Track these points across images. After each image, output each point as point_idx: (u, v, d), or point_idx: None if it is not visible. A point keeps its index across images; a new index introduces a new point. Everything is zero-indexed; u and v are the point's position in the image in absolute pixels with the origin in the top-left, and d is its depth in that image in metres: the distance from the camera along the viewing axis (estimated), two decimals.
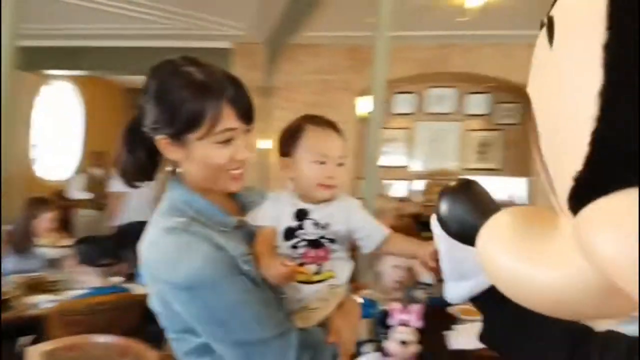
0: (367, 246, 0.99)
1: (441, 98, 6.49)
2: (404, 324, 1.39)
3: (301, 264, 0.94)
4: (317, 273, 0.96)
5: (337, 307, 0.97)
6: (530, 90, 0.42)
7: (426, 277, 1.75)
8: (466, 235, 0.48)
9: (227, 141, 0.86)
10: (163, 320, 0.90)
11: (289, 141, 1.00)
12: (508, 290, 0.41)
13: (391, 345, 1.41)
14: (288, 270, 0.87)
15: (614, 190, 0.28)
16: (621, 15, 0.28)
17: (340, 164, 0.99)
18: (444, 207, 0.53)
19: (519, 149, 6.46)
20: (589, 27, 0.29)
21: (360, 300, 1.36)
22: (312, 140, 0.98)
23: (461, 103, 6.45)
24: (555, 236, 0.37)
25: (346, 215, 0.98)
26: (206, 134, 0.84)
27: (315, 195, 0.97)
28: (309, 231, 0.96)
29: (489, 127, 6.44)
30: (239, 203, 0.99)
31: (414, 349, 1.39)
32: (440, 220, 0.54)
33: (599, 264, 0.30)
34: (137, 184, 0.93)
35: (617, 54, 0.28)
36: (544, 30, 0.36)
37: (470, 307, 2.60)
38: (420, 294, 1.09)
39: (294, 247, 0.96)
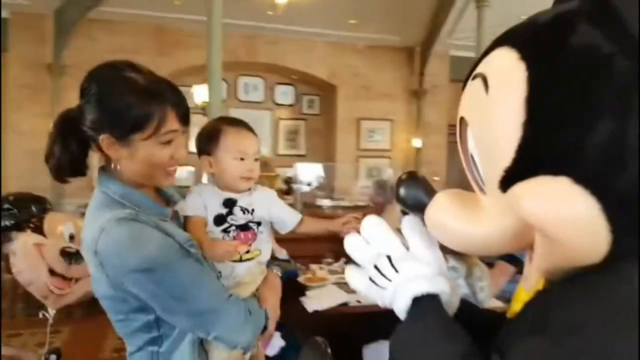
0: (283, 228, 1.19)
1: (251, 87, 6.68)
2: None
3: None
4: (247, 252, 1.11)
5: (263, 280, 1.13)
6: (469, 118, 0.61)
7: (282, 254, 1.99)
8: (420, 209, 0.66)
9: (169, 142, 0.94)
10: (110, 304, 0.96)
11: (208, 141, 1.13)
12: (451, 241, 0.62)
13: None
14: (232, 247, 1.06)
15: (531, 176, 0.51)
16: (536, 74, 0.51)
17: (257, 159, 1.15)
18: (402, 190, 0.69)
19: (319, 137, 7.12)
20: (515, 84, 0.52)
21: None
22: (231, 140, 1.11)
23: (270, 93, 6.75)
24: (478, 206, 0.60)
25: (267, 203, 1.16)
26: (151, 135, 0.91)
27: (237, 187, 1.12)
28: (239, 216, 1.11)
29: (295, 116, 6.91)
30: (163, 197, 1.06)
31: None
32: (400, 199, 0.70)
33: (527, 217, 0.51)
34: (69, 179, 0.96)
35: (538, 98, 0.50)
36: (479, 81, 0.57)
37: (313, 275, 2.82)
38: (277, 269, 1.21)
39: (225, 231, 1.10)
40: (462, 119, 0.63)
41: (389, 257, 0.64)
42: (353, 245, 0.68)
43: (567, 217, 0.51)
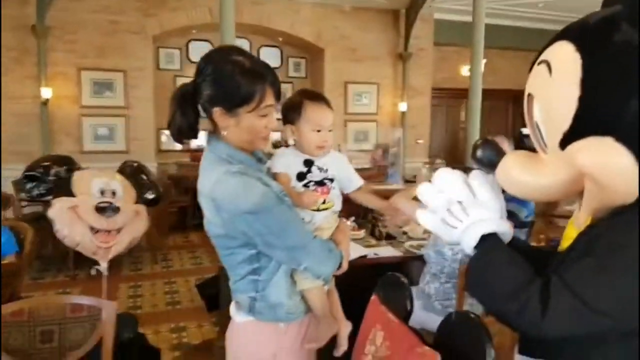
0: (348, 188, 1.40)
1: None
2: None
3: None
4: (323, 202, 1.32)
5: (336, 228, 1.35)
6: (536, 94, 0.81)
7: None
8: (492, 166, 0.87)
9: (266, 115, 1.16)
10: (220, 241, 1.20)
11: (292, 113, 1.30)
12: (519, 190, 0.82)
13: None
14: (316, 197, 1.28)
15: (583, 137, 0.72)
16: (588, 62, 0.71)
17: (330, 130, 1.34)
18: (479, 152, 0.93)
19: None
20: (573, 69, 0.72)
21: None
22: (311, 114, 1.30)
23: (256, 55, 6.76)
24: (542, 163, 0.81)
25: (338, 164, 1.37)
26: (254, 109, 1.14)
27: (314, 153, 1.33)
28: (316, 174, 1.33)
29: (282, 79, 6.91)
30: (255, 157, 1.27)
31: None
32: (477, 160, 0.93)
33: (581, 167, 0.72)
34: (185, 140, 1.20)
35: (590, 80, 0.70)
36: (543, 66, 0.77)
37: None
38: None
39: (306, 186, 1.31)
40: (529, 95, 0.84)
41: (460, 203, 0.84)
42: (425, 192, 0.88)
43: (611, 167, 0.73)
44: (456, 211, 0.83)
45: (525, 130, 0.90)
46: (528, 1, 5.99)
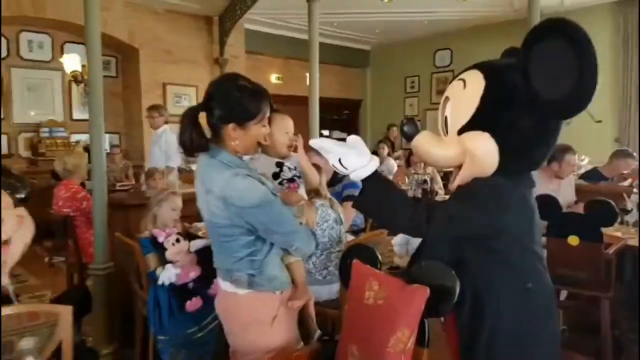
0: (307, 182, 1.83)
1: (36, 44, 5.95)
2: None
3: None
4: None
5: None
6: (452, 98, 1.32)
7: None
8: (411, 139, 1.36)
9: (265, 124, 1.49)
10: (225, 230, 1.45)
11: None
12: (428, 158, 1.36)
13: None
14: (301, 197, 1.70)
15: (473, 130, 1.27)
16: (489, 87, 1.25)
17: (295, 134, 1.76)
18: (406, 127, 1.39)
19: (119, 101, 6.84)
20: (478, 89, 1.26)
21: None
22: (279, 121, 1.72)
23: (60, 51, 6.13)
24: (444, 141, 1.34)
25: (298, 164, 1.77)
26: (260, 121, 1.46)
27: (285, 153, 1.73)
28: (287, 173, 1.73)
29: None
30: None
31: None
32: (403, 132, 1.40)
33: (467, 146, 1.27)
34: (197, 154, 1.47)
35: (486, 97, 1.25)
36: (460, 81, 1.30)
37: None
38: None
39: (280, 184, 1.69)
40: (446, 97, 1.32)
41: (339, 160, 1.27)
42: (322, 146, 1.30)
43: (483, 148, 1.23)
44: (340, 165, 1.28)
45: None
46: (326, 20, 6.87)
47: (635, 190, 3.31)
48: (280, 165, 1.74)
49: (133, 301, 2.67)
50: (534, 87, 1.17)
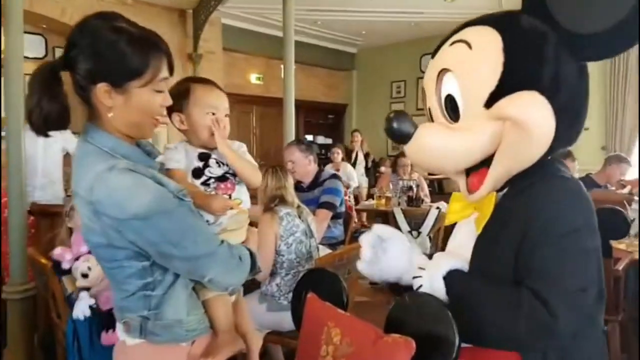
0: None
1: None
2: None
3: None
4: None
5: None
6: (455, 68, 0.91)
7: None
8: (405, 138, 0.91)
9: (161, 90, 1.00)
10: (103, 252, 1.00)
11: (178, 100, 1.14)
12: (438, 156, 0.90)
13: None
14: (229, 204, 1.13)
15: (512, 93, 0.85)
16: (506, 38, 0.88)
17: (226, 115, 1.21)
18: (395, 123, 0.91)
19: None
20: (494, 43, 0.88)
21: None
22: (200, 95, 1.17)
23: None
24: (456, 128, 0.91)
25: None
26: (148, 83, 0.98)
27: (211, 141, 1.16)
28: (215, 169, 1.17)
29: None
30: (143, 151, 1.07)
31: None
32: (392, 130, 0.91)
33: (513, 115, 0.83)
34: (52, 133, 0.98)
35: (510, 50, 0.86)
36: (461, 44, 0.89)
37: None
38: None
39: (205, 183, 1.16)
40: (442, 70, 0.92)
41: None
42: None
43: (535, 115, 0.84)
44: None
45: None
46: (308, 18, 6.59)
47: (636, 198, 3.05)
48: (205, 157, 1.19)
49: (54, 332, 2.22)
50: (561, 24, 0.87)
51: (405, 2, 6.43)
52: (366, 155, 7.21)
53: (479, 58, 0.89)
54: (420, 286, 0.90)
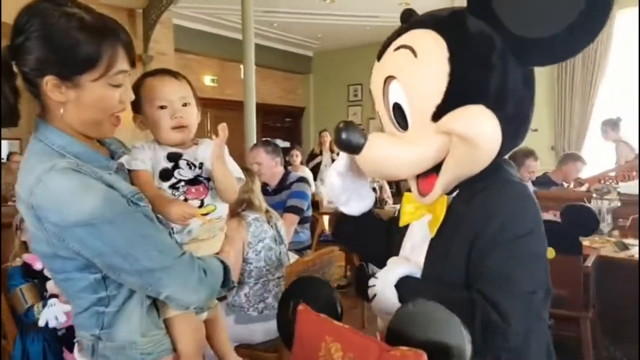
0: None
1: None
2: None
3: (185, 200, 1.03)
4: (201, 206, 1.04)
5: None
6: (399, 75, 0.85)
7: None
8: (356, 149, 0.86)
9: (119, 85, 0.89)
10: (51, 263, 0.91)
11: (135, 102, 1.02)
12: (393, 165, 0.86)
13: None
14: (190, 211, 0.98)
15: (456, 107, 0.81)
16: (452, 44, 0.82)
17: (185, 104, 1.05)
18: (344, 134, 0.86)
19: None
20: (439, 50, 0.82)
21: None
22: (148, 90, 1.04)
23: None
24: (406, 138, 0.88)
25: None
26: (102, 76, 0.87)
27: (172, 139, 1.05)
28: (186, 171, 1.04)
29: None
30: (107, 149, 1.01)
31: None
32: (342, 141, 0.87)
33: (458, 131, 0.80)
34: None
35: (456, 59, 0.80)
36: (405, 50, 0.83)
37: None
38: None
39: (174, 187, 1.02)
40: (388, 77, 0.88)
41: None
42: None
43: (482, 128, 0.81)
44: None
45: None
46: (265, 20, 6.49)
47: (594, 195, 3.12)
48: (174, 157, 1.05)
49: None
50: (507, 28, 0.83)
51: (361, 6, 6.48)
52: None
53: (424, 69, 0.85)
54: (375, 295, 0.91)
